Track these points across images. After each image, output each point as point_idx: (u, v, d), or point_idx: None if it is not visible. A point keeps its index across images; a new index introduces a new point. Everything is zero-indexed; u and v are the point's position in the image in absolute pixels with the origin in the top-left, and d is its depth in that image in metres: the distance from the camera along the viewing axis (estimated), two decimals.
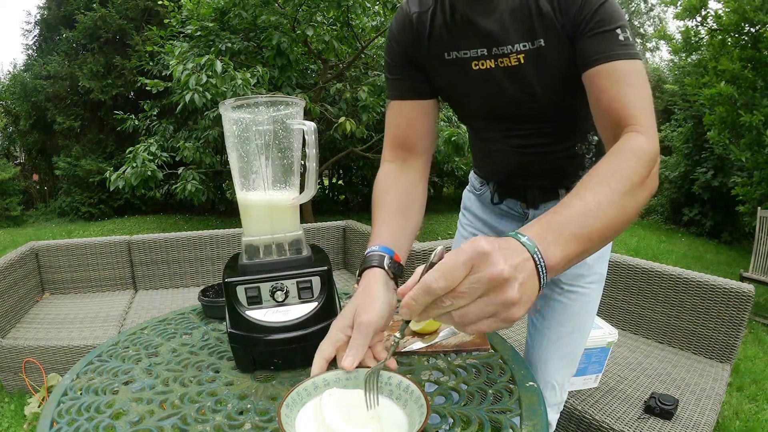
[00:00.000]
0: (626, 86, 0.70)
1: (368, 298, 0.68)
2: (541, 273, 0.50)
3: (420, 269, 0.56)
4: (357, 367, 0.63)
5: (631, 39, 0.72)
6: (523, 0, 0.76)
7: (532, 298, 0.50)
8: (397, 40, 0.89)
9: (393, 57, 0.91)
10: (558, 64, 0.78)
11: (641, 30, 17.95)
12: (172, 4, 5.14)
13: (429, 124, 0.92)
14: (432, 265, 0.51)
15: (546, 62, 0.79)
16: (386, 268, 0.72)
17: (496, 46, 0.80)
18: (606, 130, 0.73)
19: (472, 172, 1.18)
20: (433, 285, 0.48)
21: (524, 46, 0.78)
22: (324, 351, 0.66)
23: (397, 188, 0.87)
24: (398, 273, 0.74)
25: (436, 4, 0.85)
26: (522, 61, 0.80)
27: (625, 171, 0.62)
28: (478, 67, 0.84)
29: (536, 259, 0.50)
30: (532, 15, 0.76)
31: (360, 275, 0.74)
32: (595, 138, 0.94)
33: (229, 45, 4.57)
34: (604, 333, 1.62)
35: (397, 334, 0.58)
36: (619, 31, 0.71)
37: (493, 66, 0.82)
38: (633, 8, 17.92)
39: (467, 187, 1.21)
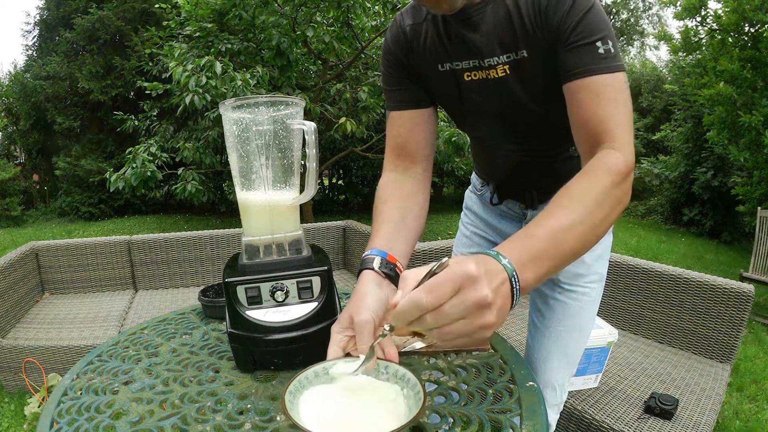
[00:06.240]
0: (604, 101, 0.71)
1: (358, 297, 0.71)
2: (515, 295, 0.54)
3: (414, 273, 0.56)
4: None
5: (613, 50, 0.71)
6: (507, 12, 0.77)
7: (503, 319, 0.53)
8: (392, 52, 0.91)
9: (389, 68, 0.92)
10: (543, 74, 0.79)
11: (638, 27, 17.90)
12: (169, 6, 5.14)
13: (428, 132, 0.94)
14: (434, 274, 0.52)
15: (530, 72, 0.80)
16: (376, 269, 0.75)
17: (483, 59, 0.81)
18: (582, 142, 0.74)
19: (473, 173, 1.19)
20: (422, 300, 0.50)
21: (508, 57, 0.79)
22: (333, 355, 0.68)
23: (396, 198, 0.88)
24: (391, 271, 0.76)
25: (430, 17, 0.86)
26: (508, 72, 0.81)
27: (597, 188, 0.64)
28: (470, 78, 0.85)
29: (513, 282, 0.54)
30: (514, 27, 0.77)
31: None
32: None
33: (229, 46, 4.57)
34: (604, 333, 1.62)
35: (386, 326, 0.58)
36: (599, 43, 0.71)
37: (483, 77, 0.84)
38: (632, 5, 17.88)
39: (469, 187, 1.22)
